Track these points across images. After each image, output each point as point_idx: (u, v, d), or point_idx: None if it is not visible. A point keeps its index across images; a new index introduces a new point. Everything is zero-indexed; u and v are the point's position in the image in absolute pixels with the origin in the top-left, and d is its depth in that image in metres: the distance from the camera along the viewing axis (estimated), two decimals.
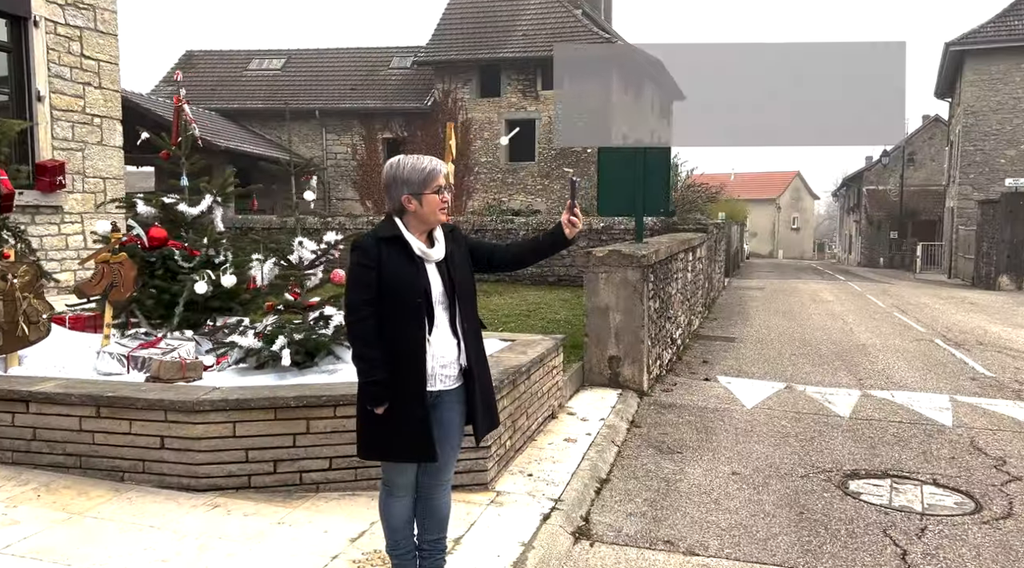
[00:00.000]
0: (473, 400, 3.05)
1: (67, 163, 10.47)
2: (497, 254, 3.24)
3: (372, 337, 2.89)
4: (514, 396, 4.95)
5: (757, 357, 9.57)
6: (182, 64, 30.83)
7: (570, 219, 3.14)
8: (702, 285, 13.12)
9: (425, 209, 2.96)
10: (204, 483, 4.16)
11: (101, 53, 11.15)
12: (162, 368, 4.68)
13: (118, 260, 5.29)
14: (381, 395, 2.89)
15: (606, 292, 7.05)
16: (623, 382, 7.07)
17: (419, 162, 2.99)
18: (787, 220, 72.30)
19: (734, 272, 27.45)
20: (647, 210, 8.52)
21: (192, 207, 5.85)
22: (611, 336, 7.08)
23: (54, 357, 5.04)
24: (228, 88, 28.70)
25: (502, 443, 4.73)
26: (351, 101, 27.01)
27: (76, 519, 3.74)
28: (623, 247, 7.37)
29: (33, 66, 10.12)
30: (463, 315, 3.03)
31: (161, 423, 4.16)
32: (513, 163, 26.15)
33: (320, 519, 3.90)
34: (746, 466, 5.26)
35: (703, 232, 13.91)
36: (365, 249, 2.93)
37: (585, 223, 14.50)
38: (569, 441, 5.44)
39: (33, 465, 4.32)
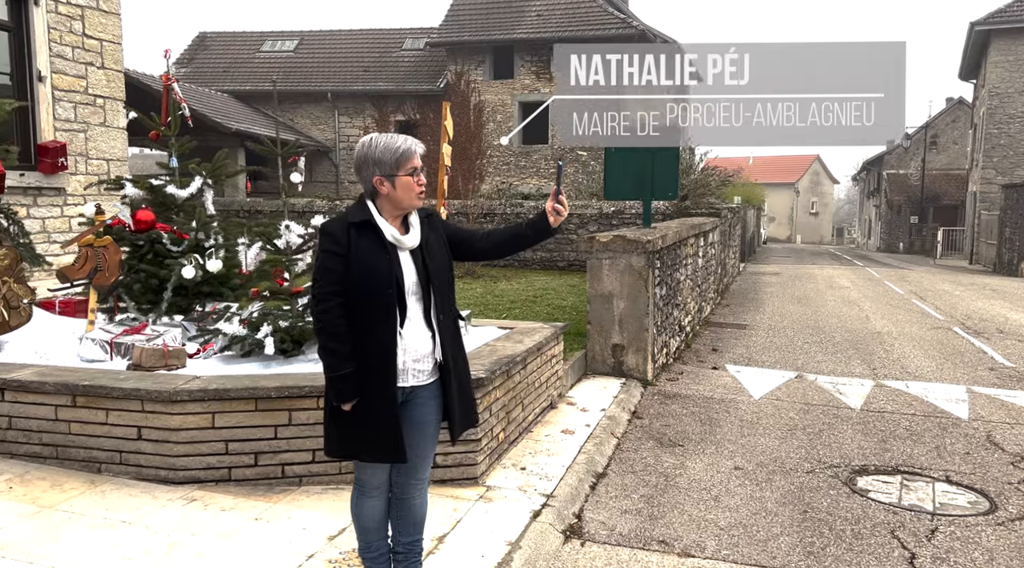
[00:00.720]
0: (450, 397, 2.87)
1: (69, 144, 10.37)
2: (478, 242, 3.03)
3: (340, 329, 2.71)
4: (508, 386, 4.77)
5: (768, 345, 9.33)
6: (195, 45, 30.71)
7: (555, 207, 2.93)
8: (714, 271, 12.85)
9: (399, 192, 2.76)
10: (182, 476, 4.02)
11: (104, 32, 10.99)
12: (143, 355, 4.54)
13: (102, 244, 5.15)
14: (348, 391, 2.71)
15: (610, 278, 6.84)
16: (627, 371, 6.87)
17: (393, 141, 2.78)
18: (806, 204, 71.42)
19: (750, 257, 27.08)
20: (655, 194, 8.27)
21: (181, 189, 5.70)
22: (615, 324, 6.88)
23: (37, 343, 4.91)
24: (241, 70, 28.55)
25: (494, 435, 4.55)
26: (363, 83, 26.78)
27: (45, 513, 3.61)
28: (628, 232, 7.14)
29: (34, 46, 9.98)
30: (438, 306, 2.84)
31: (138, 413, 4.02)
32: (526, 146, 25.86)
33: (300, 514, 3.75)
34: (750, 461, 5.05)
35: (716, 216, 13.62)
36: (333, 234, 2.74)
37: (595, 207, 14.32)
38: (567, 433, 5.26)
39: (10, 454, 4.20)
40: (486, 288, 10.95)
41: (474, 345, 5.15)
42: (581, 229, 13.84)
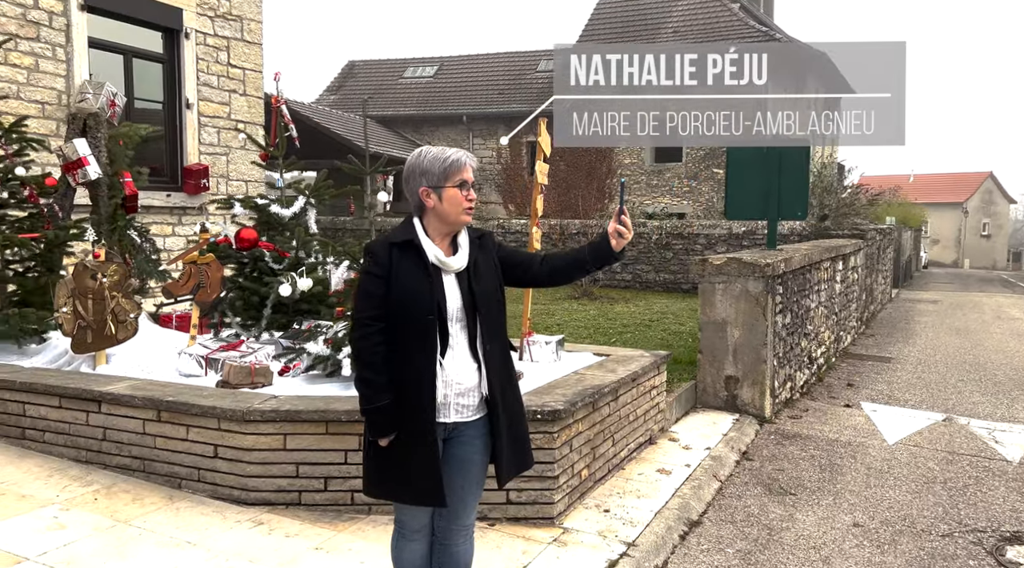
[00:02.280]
0: (497, 435, 2.61)
1: (211, 167, 11.03)
2: (534, 267, 2.76)
3: (376, 358, 2.52)
4: (594, 419, 4.43)
5: (915, 382, 8.38)
6: (344, 73, 32.37)
7: (617, 228, 2.62)
8: (856, 297, 11.82)
9: (445, 205, 2.55)
10: (254, 497, 3.98)
11: (247, 62, 11.66)
12: (231, 372, 4.58)
13: (205, 261, 5.29)
14: (384, 425, 2.51)
15: (723, 304, 6.33)
16: (741, 406, 6.31)
17: (443, 152, 2.59)
18: (976, 226, 65.43)
19: (905, 283, 24.98)
20: (782, 213, 7.64)
21: (285, 208, 5.80)
22: (728, 354, 6.35)
23: (142, 356, 5.10)
24: (384, 95, 29.76)
25: (576, 472, 4.23)
26: (498, 105, 27.17)
27: (119, 528, 3.66)
28: (745, 254, 6.60)
29: (183, 76, 10.72)
30: (485, 335, 2.59)
31: (214, 431, 4.03)
32: (658, 164, 25.24)
33: (361, 547, 3.59)
34: (873, 517, 4.43)
35: (860, 238, 12.55)
36: (375, 254, 2.56)
37: (724, 227, 13.61)
38: (662, 472, 4.84)
39: (103, 465, 4.34)
40: (600, 310, 10.59)
41: (561, 373, 4.86)
42: (708, 250, 13.18)
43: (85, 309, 4.83)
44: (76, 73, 9.22)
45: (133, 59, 10.17)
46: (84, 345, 4.89)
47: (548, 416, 3.94)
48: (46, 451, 4.48)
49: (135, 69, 10.23)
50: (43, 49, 8.88)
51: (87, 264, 4.88)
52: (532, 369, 4.98)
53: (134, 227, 7.06)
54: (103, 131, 6.77)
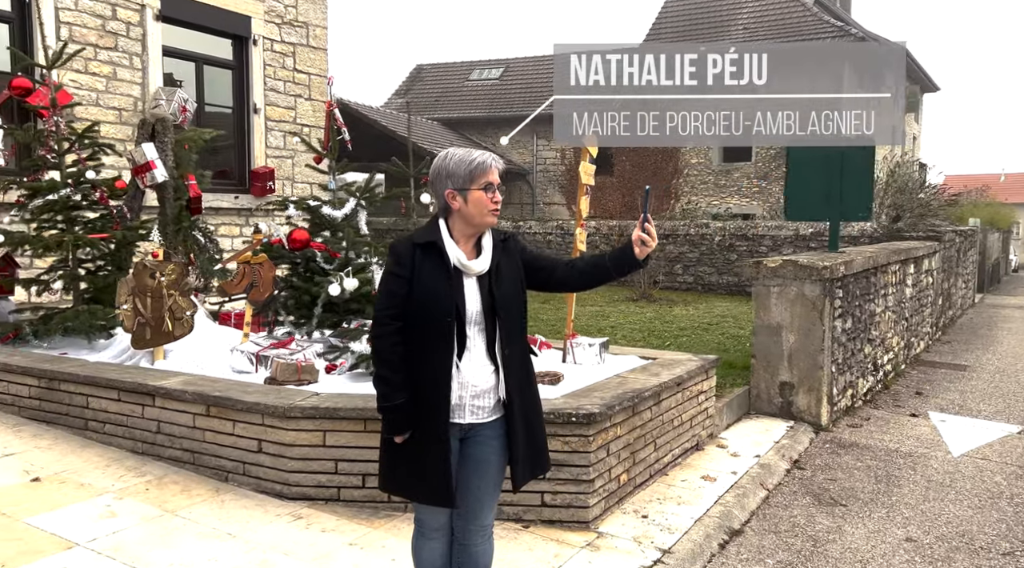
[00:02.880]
0: (513, 438, 2.60)
1: (277, 170, 11.36)
2: (557, 271, 2.74)
3: (394, 356, 2.55)
4: (634, 424, 4.37)
5: (991, 391, 7.97)
6: (412, 77, 32.86)
7: (640, 236, 2.58)
8: (931, 302, 11.31)
9: (471, 208, 2.56)
10: (295, 491, 4.07)
11: (312, 67, 11.96)
12: (278, 369, 4.71)
13: (258, 261, 5.45)
14: (400, 423, 2.54)
15: (778, 308, 6.16)
16: (796, 413, 6.13)
17: (469, 154, 2.60)
18: None
19: (991, 287, 23.78)
20: (845, 215, 7.38)
21: (336, 210, 5.92)
22: (783, 359, 6.17)
23: (197, 352, 5.29)
24: (450, 98, 30.09)
25: (614, 477, 4.18)
26: None
27: (166, 518, 3.80)
28: (801, 256, 6.40)
29: (251, 81, 11.09)
30: (504, 339, 2.58)
31: (258, 426, 4.14)
32: (726, 164, 24.73)
33: (394, 544, 3.63)
34: (928, 532, 4.23)
35: (935, 240, 12.01)
36: (398, 255, 2.59)
37: (791, 228, 13.24)
38: (707, 479, 4.73)
39: (157, 457, 4.51)
40: (657, 313, 10.44)
41: (603, 375, 4.82)
42: (773, 252, 12.83)
43: (144, 306, 5.04)
44: (151, 80, 9.63)
45: (204, 66, 10.58)
46: (143, 341, 5.10)
47: (583, 419, 3.90)
48: (106, 442, 4.69)
49: (206, 75, 10.64)
50: (120, 58, 9.31)
51: (146, 263, 5.09)
52: (574, 371, 4.95)
53: (198, 228, 7.34)
54: (170, 136, 7.04)
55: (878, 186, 14.65)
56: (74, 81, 8.74)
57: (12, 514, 3.72)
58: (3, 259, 6.46)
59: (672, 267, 13.99)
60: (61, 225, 6.16)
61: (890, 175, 14.61)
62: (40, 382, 4.96)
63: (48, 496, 3.95)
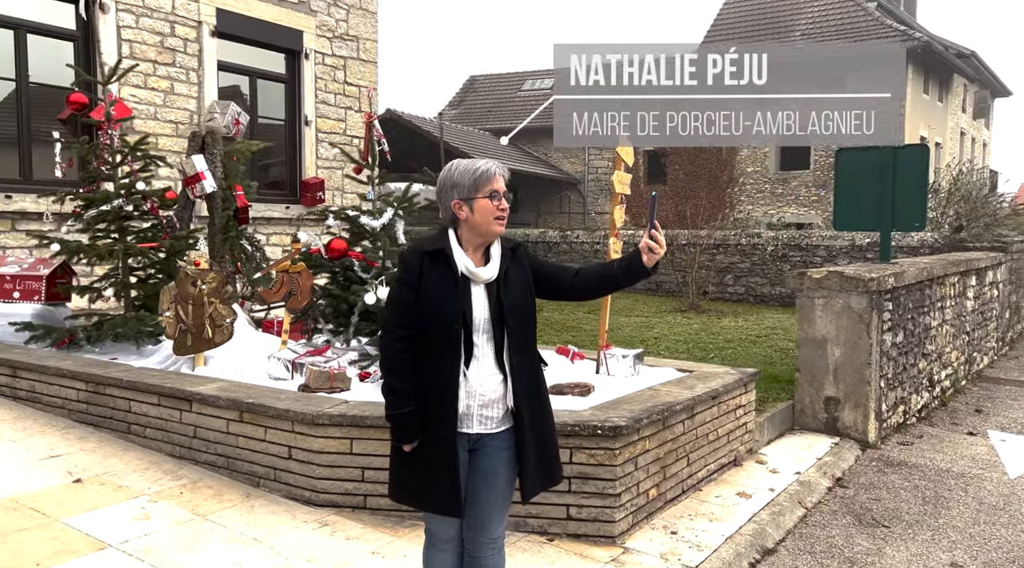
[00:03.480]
0: (523, 449, 2.57)
1: (327, 180, 11.58)
2: (565, 279, 2.71)
3: (402, 364, 2.55)
4: (663, 438, 4.29)
5: None
6: (465, 88, 33.19)
7: (648, 244, 2.53)
8: (996, 316, 10.83)
9: (477, 216, 2.56)
10: (323, 498, 4.11)
11: (362, 79, 12.17)
12: (312, 377, 4.77)
13: (296, 270, 5.54)
14: (408, 431, 2.54)
15: (823, 321, 5.97)
16: (842, 429, 5.92)
17: (473, 163, 2.60)
18: None
19: None
20: (897, 224, 7.11)
21: (374, 220, 5.98)
22: (828, 373, 5.98)
23: (238, 359, 5.40)
24: (503, 109, 30.28)
25: (642, 491, 4.10)
26: None
27: (196, 522, 3.88)
28: (847, 268, 6.20)
29: (303, 94, 11.34)
30: (512, 347, 2.56)
31: (288, 433, 4.20)
32: (783, 172, 24.23)
33: (415, 554, 3.62)
34: (975, 556, 4.03)
35: (1002, 251, 11.50)
36: (407, 263, 2.61)
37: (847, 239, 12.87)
38: (742, 496, 4.61)
39: (194, 461, 4.61)
40: (704, 324, 10.25)
41: (636, 387, 4.74)
42: (828, 263, 12.48)
43: (186, 313, 5.17)
44: (206, 94, 9.93)
45: (258, 79, 10.87)
46: (184, 347, 5.24)
47: (609, 432, 3.84)
48: (146, 445, 4.82)
49: (259, 88, 10.93)
50: (178, 73, 9.63)
51: (188, 271, 5.22)
52: (606, 383, 4.89)
53: (246, 237, 7.52)
54: (219, 148, 7.24)
55: (941, 194, 14.13)
56: (134, 96, 9.08)
57: (52, 514, 3.84)
58: (61, 267, 6.72)
59: (722, 277, 13.73)
60: (114, 235, 6.38)
61: (953, 183, 14.07)
62: (87, 386, 5.13)
63: (88, 497, 4.07)
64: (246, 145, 7.54)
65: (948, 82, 27.68)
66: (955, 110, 29.04)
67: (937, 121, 26.78)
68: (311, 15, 11.20)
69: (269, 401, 4.32)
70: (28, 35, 8.34)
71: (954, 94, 28.66)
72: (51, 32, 8.47)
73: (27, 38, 8.34)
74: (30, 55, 8.42)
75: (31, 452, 4.63)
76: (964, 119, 30.33)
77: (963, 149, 29.83)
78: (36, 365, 5.40)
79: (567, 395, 4.58)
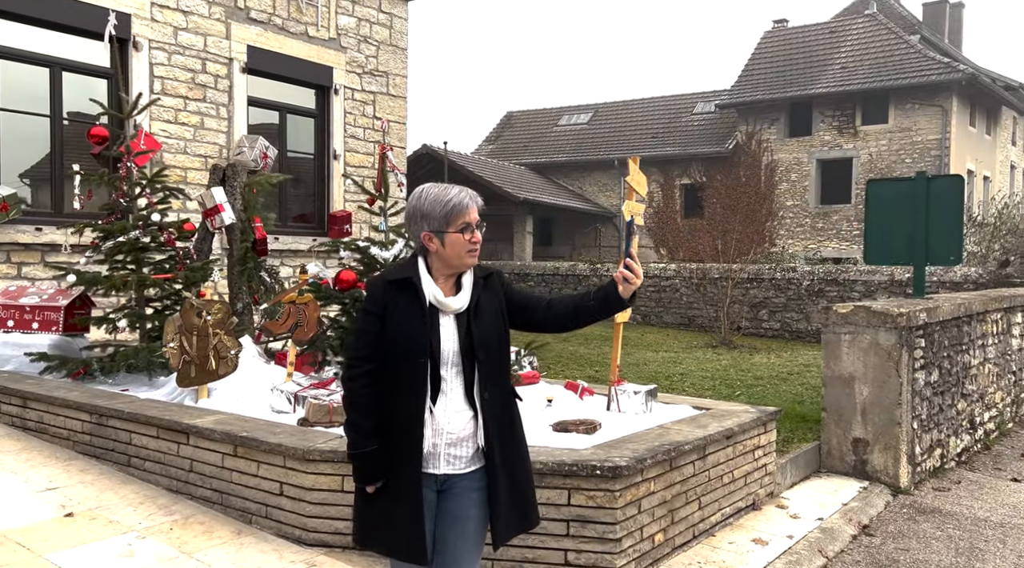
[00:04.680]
0: (495, 490, 2.40)
1: (355, 213, 11.63)
2: (540, 311, 2.55)
3: (365, 400, 2.42)
4: (672, 479, 4.06)
5: None
6: (503, 124, 33.47)
7: (623, 273, 2.37)
8: None
9: (448, 251, 2.43)
10: (312, 538, 3.97)
11: (392, 114, 12.28)
12: (311, 410, 4.67)
13: (303, 301, 5.48)
14: (369, 472, 2.39)
15: (850, 358, 5.69)
16: (871, 473, 5.59)
17: (444, 193, 2.47)
18: None
19: None
20: (931, 258, 6.80)
21: (385, 251, 5.92)
22: (856, 413, 5.67)
23: (242, 391, 5.33)
24: (539, 143, 30.42)
25: (646, 536, 3.87)
26: (651, 149, 26.89)
27: (181, 560, 3.76)
28: (876, 303, 5.92)
29: (332, 129, 11.47)
30: (483, 381, 2.41)
31: (280, 469, 4.08)
32: (824, 206, 23.77)
33: None
34: None
35: None
36: (372, 293, 2.49)
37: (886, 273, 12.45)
38: (758, 542, 4.33)
39: (190, 496, 4.52)
40: (734, 361, 9.92)
41: (646, 425, 4.53)
42: (866, 298, 12.07)
43: (190, 344, 5.13)
44: (236, 129, 10.09)
45: (288, 114, 11.02)
46: (188, 378, 5.19)
47: (608, 472, 3.64)
48: (145, 478, 4.75)
49: (288, 123, 11.08)
50: (208, 108, 9.80)
51: (193, 302, 5.19)
52: (615, 420, 4.68)
53: (265, 269, 7.53)
54: (239, 180, 7.30)
55: (987, 228, 13.64)
56: (164, 130, 9.25)
57: (36, 550, 3.76)
58: (80, 298, 6.78)
59: (757, 312, 13.38)
60: (130, 266, 6.41)
61: (998, 216, 13.58)
62: (91, 417, 5.10)
63: (76, 532, 3.99)
64: (266, 177, 7.59)
65: (996, 114, 27.02)
66: (1004, 143, 28.29)
67: (985, 154, 26.09)
68: (341, 51, 11.37)
69: (263, 435, 4.21)
70: (64, 73, 8.58)
71: (1003, 127, 27.95)
72: (86, 70, 8.70)
73: (62, 75, 8.57)
74: (65, 92, 8.65)
75: (29, 484, 4.59)
76: (1014, 152, 29.53)
77: (1013, 182, 28.99)
78: (44, 396, 5.40)
79: (571, 433, 4.39)
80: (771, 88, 24.97)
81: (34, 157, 8.68)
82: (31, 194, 8.74)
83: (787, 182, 24.20)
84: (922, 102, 22.91)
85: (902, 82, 22.92)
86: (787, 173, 24.25)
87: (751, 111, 25.03)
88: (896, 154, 23.15)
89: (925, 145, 22.91)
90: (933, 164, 22.56)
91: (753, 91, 25.25)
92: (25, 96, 8.34)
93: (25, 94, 8.35)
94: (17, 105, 8.26)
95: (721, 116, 26.55)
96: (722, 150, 25.19)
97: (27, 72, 8.35)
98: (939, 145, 22.82)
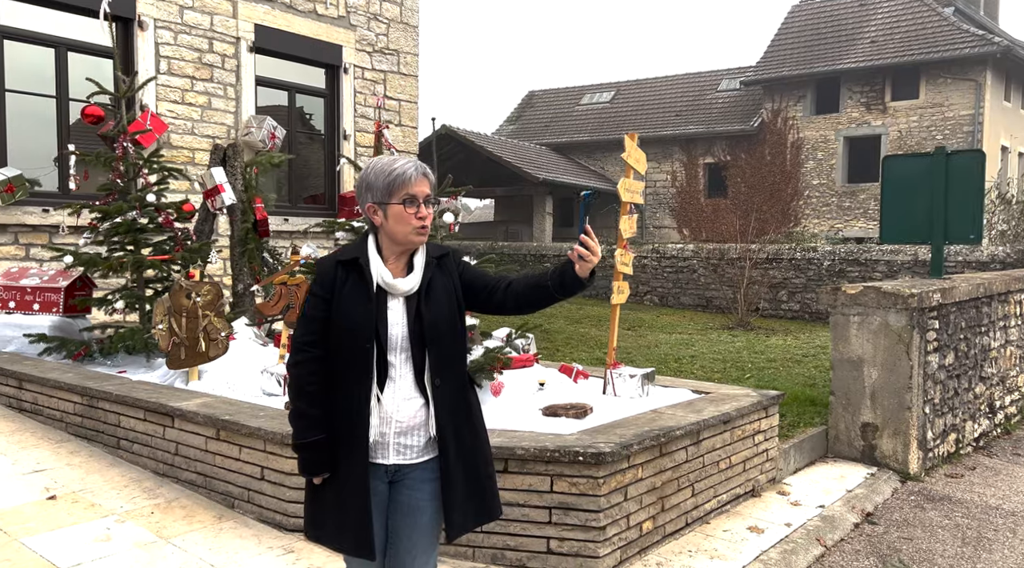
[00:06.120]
0: (448, 481, 2.28)
1: None
2: (499, 292, 2.39)
3: (310, 388, 2.30)
4: (662, 465, 3.92)
5: None
6: (524, 104, 33.10)
7: (579, 251, 2.20)
8: None
9: (392, 224, 2.30)
10: (292, 523, 3.89)
11: (402, 93, 12.12)
12: None
13: (295, 282, 5.39)
14: (315, 463, 2.28)
15: (858, 340, 5.48)
16: (880, 458, 5.40)
17: (389, 163, 2.33)
18: None
19: None
20: (950, 237, 6.53)
21: None
22: (865, 397, 5.47)
23: (231, 373, 5.26)
24: (560, 123, 30.04)
25: (633, 524, 3.74)
26: (673, 127, 26.42)
27: (158, 545, 3.71)
28: (886, 283, 5.68)
29: (342, 109, 11.35)
30: (435, 367, 2.28)
31: (261, 453, 4.01)
32: (851, 185, 23.21)
33: None
34: None
35: None
36: (320, 274, 2.37)
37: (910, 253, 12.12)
38: (753, 530, 4.19)
39: (176, 479, 4.47)
40: (749, 343, 9.70)
41: (640, 409, 4.38)
42: (888, 279, 11.73)
43: (179, 327, 5.07)
44: (244, 109, 10.01)
45: (296, 94, 10.92)
46: (178, 361, 5.14)
47: (592, 459, 3.51)
48: (133, 461, 4.72)
49: (298, 103, 10.98)
50: (215, 88, 9.73)
51: (182, 284, 5.13)
52: (610, 404, 4.54)
53: (267, 249, 7.46)
54: (240, 160, 7.22)
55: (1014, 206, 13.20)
56: (171, 111, 9.21)
57: (13, 533, 3.73)
58: (80, 279, 6.77)
59: (776, 293, 13.09)
60: (129, 247, 6.38)
61: None
62: (83, 399, 5.08)
63: (55, 515, 3.96)
64: (267, 157, 7.51)
65: None
66: None
67: (1020, 130, 25.27)
68: (351, 30, 11.22)
69: (244, 418, 4.14)
70: (69, 53, 8.54)
71: None
72: (91, 50, 8.64)
73: (67, 56, 8.54)
74: (73, 72, 8.61)
75: (16, 466, 4.57)
76: None
77: None
78: (39, 377, 5.39)
79: (561, 417, 4.27)
80: (798, 64, 24.35)
81: (43, 138, 8.68)
82: (43, 176, 8.75)
83: (813, 160, 23.66)
84: (955, 76, 22.20)
85: (934, 56, 22.20)
86: (813, 151, 23.70)
87: (777, 88, 24.45)
88: (927, 130, 22.50)
89: (957, 121, 22.24)
90: (965, 140, 21.89)
91: (779, 67, 24.65)
92: (32, 77, 8.32)
93: (32, 75, 8.33)
94: (24, 86, 8.24)
95: (746, 93, 25.97)
96: (747, 128, 24.66)
97: (32, 53, 8.33)
98: (972, 121, 22.13)
